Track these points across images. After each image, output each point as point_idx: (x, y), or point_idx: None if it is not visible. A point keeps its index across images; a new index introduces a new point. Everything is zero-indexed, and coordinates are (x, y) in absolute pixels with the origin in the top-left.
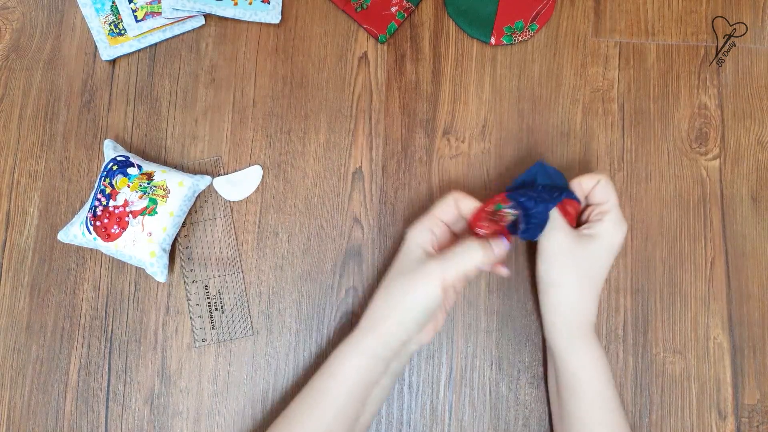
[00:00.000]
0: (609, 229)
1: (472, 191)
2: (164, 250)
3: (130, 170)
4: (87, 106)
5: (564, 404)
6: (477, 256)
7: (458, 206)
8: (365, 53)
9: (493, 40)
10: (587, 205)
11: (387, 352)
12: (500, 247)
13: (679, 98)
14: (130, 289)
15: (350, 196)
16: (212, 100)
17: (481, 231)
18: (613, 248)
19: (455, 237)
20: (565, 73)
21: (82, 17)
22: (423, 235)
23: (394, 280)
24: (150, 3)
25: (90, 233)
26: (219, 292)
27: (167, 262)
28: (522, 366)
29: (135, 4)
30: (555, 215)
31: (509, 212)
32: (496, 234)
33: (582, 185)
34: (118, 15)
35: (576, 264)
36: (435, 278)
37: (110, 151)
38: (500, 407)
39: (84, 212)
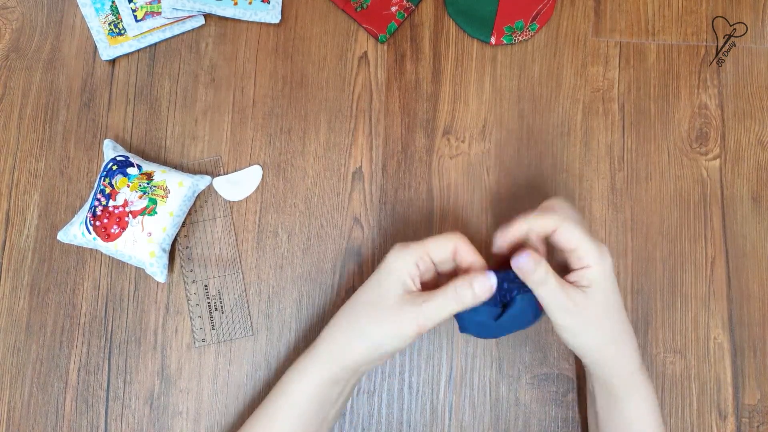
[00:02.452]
0: (600, 271)
1: (472, 191)
2: (164, 250)
3: (130, 170)
4: (87, 106)
5: None
6: (456, 305)
7: (456, 251)
8: (365, 53)
9: (493, 40)
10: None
11: (343, 376)
12: (483, 285)
13: (679, 98)
14: (130, 289)
15: (350, 196)
16: (212, 100)
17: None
18: (613, 282)
19: (437, 276)
20: (565, 73)
21: (82, 17)
22: (407, 267)
23: (365, 309)
24: (150, 3)
25: (90, 233)
26: (219, 292)
27: (167, 262)
28: (522, 366)
29: (135, 3)
30: (552, 295)
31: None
32: None
33: (535, 230)
34: (117, 15)
35: (598, 319)
36: (411, 324)
37: (110, 151)
38: (500, 407)
39: (84, 212)
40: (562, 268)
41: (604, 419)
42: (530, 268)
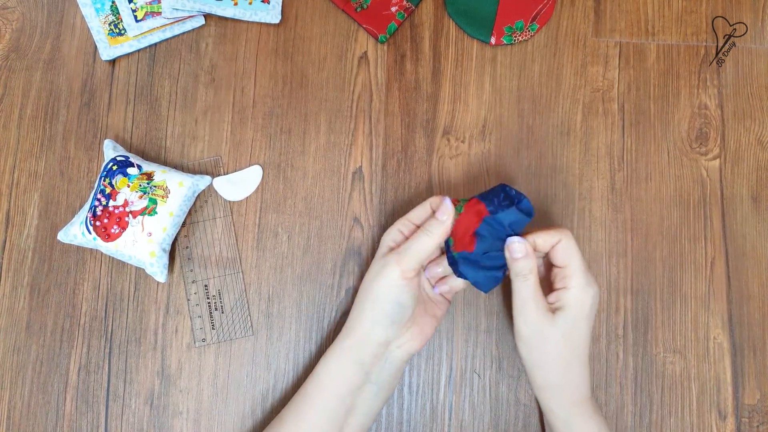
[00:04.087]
0: (577, 297)
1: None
2: (164, 250)
3: (130, 170)
4: (87, 106)
5: None
6: (428, 237)
7: (432, 206)
8: (365, 53)
9: (493, 40)
10: (552, 266)
11: (365, 356)
12: (443, 210)
13: (679, 98)
14: (130, 289)
15: (350, 196)
16: (212, 100)
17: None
18: (586, 315)
19: None
20: (565, 73)
21: (82, 17)
22: (391, 234)
23: (364, 281)
24: (150, 3)
25: (90, 233)
26: (219, 292)
27: (167, 262)
28: (522, 366)
29: (135, 4)
30: (525, 293)
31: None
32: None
33: (538, 244)
34: (118, 15)
35: (554, 343)
36: (392, 266)
37: (110, 151)
38: (500, 407)
39: (84, 212)
40: (545, 287)
41: None
42: (521, 253)
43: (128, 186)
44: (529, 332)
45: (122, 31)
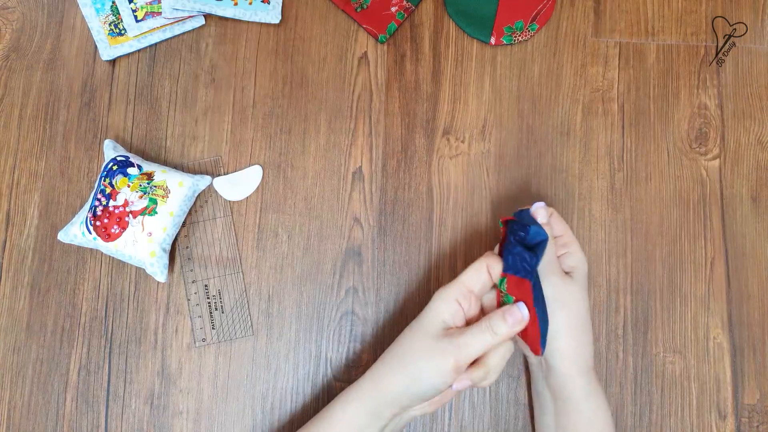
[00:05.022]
0: (581, 258)
1: (471, 191)
2: (164, 250)
3: (130, 170)
4: (87, 106)
5: None
6: (491, 337)
7: (491, 272)
8: (365, 53)
9: (493, 40)
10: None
11: (385, 412)
12: (515, 316)
13: (679, 98)
14: (130, 289)
15: (350, 196)
16: (212, 100)
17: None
18: (586, 280)
19: (482, 312)
20: (565, 73)
21: (82, 17)
22: (448, 306)
23: (408, 345)
24: (150, 3)
25: (90, 233)
26: (219, 292)
27: (167, 262)
28: (522, 366)
29: (135, 4)
30: (550, 255)
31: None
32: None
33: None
34: (118, 15)
35: (577, 301)
36: (447, 357)
37: (110, 151)
38: (500, 407)
39: (84, 212)
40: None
41: (563, 424)
42: (546, 218)
43: (128, 186)
44: (555, 293)
45: (122, 31)
